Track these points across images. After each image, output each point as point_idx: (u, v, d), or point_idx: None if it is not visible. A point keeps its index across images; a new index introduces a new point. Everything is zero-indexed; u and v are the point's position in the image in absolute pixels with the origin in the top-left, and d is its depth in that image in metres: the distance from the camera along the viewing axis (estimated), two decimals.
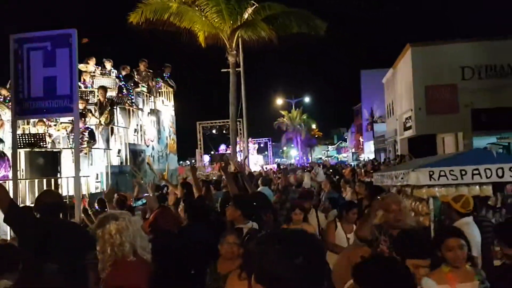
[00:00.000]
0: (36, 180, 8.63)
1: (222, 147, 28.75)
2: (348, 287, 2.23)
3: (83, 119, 10.18)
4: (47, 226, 3.46)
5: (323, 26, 14.52)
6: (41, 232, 3.37)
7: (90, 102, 11.49)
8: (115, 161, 11.49)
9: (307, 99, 54.36)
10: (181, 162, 31.30)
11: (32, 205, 4.13)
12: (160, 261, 3.52)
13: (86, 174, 9.60)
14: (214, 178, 12.81)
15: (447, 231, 3.32)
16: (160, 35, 15.53)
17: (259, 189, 7.29)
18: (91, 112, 11.14)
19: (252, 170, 13.88)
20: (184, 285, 3.94)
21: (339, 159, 58.28)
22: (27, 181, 8.69)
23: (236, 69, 15.85)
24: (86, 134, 10.24)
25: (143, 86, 14.43)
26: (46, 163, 9.14)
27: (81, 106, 9.58)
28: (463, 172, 4.61)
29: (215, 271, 3.32)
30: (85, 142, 10.10)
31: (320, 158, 70.38)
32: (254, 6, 14.75)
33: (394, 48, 37.48)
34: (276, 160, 47.58)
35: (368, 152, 47.28)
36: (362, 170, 14.58)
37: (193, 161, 30.73)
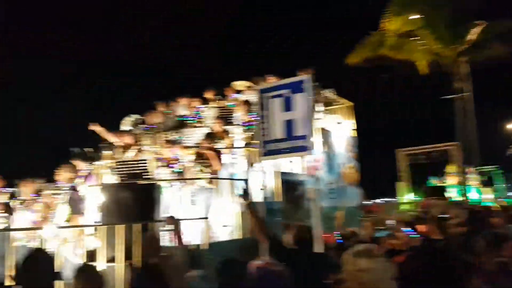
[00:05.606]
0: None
1: (435, 180, 23.57)
2: None
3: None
4: None
5: None
6: None
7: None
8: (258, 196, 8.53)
9: None
10: (375, 200, 25.18)
11: None
12: None
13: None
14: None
15: None
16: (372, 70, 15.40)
17: None
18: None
19: None
20: None
21: None
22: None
23: (462, 94, 14.47)
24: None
25: None
26: (137, 200, 6.10)
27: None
28: None
29: None
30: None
31: None
32: (482, 25, 13.37)
33: None
34: None
35: None
36: None
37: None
